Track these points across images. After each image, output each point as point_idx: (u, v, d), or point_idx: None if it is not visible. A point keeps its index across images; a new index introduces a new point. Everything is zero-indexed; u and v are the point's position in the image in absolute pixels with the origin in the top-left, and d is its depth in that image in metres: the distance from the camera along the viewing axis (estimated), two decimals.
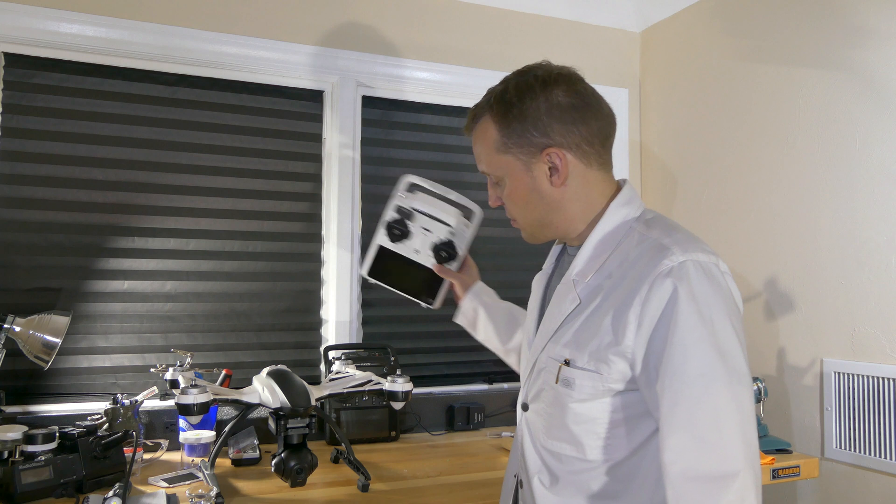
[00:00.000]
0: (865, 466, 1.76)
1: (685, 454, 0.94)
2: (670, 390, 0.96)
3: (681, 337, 0.96)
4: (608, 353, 1.02)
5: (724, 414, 0.94)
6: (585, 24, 2.54)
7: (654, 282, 0.99)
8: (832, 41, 1.88)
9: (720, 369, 0.95)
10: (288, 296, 2.14)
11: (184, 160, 2.04)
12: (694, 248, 1.02)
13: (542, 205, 1.15)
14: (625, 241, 1.09)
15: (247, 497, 1.47)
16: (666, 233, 1.06)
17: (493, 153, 1.16)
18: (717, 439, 0.93)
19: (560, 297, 1.14)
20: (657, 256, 1.01)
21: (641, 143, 2.60)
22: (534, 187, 1.14)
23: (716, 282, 1.00)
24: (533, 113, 1.11)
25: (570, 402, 1.06)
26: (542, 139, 1.11)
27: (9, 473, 1.36)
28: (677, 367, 0.95)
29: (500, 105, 1.15)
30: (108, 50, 1.94)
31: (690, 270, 0.99)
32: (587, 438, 1.06)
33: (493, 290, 1.55)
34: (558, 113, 1.10)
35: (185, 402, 1.34)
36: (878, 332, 1.74)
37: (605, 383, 1.03)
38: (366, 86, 2.25)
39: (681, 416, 0.95)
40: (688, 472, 0.93)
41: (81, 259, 1.92)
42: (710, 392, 0.94)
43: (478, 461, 1.79)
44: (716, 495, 0.91)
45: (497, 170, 1.16)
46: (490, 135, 1.16)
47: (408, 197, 1.62)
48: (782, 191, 2.01)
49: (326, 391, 1.56)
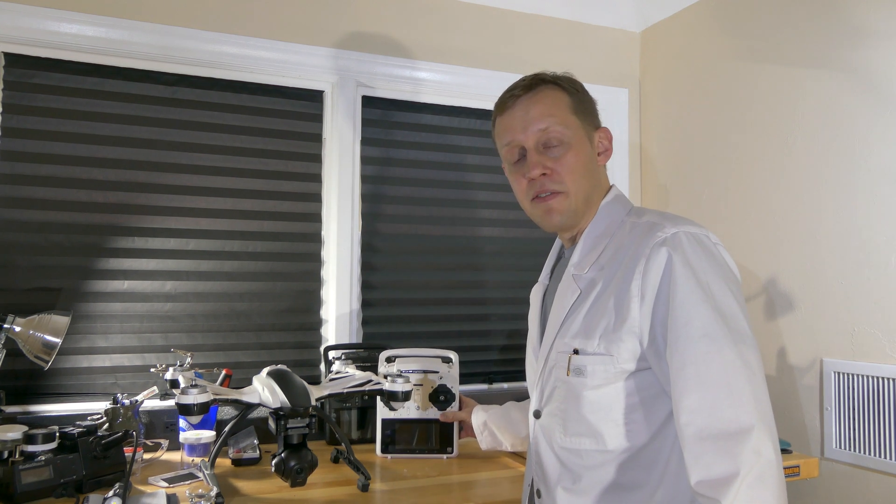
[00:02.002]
0: (865, 466, 1.76)
1: (698, 414, 0.95)
2: (677, 353, 0.98)
3: (682, 300, 0.98)
4: (618, 333, 1.04)
5: (732, 371, 0.95)
6: (585, 24, 2.54)
7: (650, 254, 1.03)
8: (832, 41, 1.88)
9: (723, 329, 0.97)
10: (288, 296, 2.14)
11: (184, 160, 2.04)
12: (683, 222, 1.07)
13: (594, 177, 1.19)
14: (618, 232, 1.13)
15: (247, 497, 1.47)
16: (658, 215, 1.11)
17: (568, 113, 1.16)
18: (728, 396, 0.94)
19: (562, 292, 1.16)
20: (650, 232, 1.05)
21: (641, 142, 2.60)
22: (592, 157, 1.18)
23: (708, 250, 1.04)
24: (588, 96, 1.21)
25: (584, 390, 1.07)
26: (596, 119, 1.21)
27: (9, 473, 1.36)
28: (681, 330, 0.97)
29: (564, 80, 1.20)
30: (108, 50, 1.94)
31: (683, 240, 1.03)
32: (605, 426, 1.06)
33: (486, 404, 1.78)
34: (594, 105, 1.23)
35: (185, 402, 1.34)
36: (878, 332, 1.74)
37: (616, 364, 1.04)
38: (366, 86, 2.25)
39: (690, 376, 0.96)
40: (702, 432, 0.94)
41: (81, 259, 1.92)
42: (715, 351, 0.96)
43: (478, 461, 1.79)
44: (732, 451, 0.92)
45: (568, 127, 1.15)
46: (563, 98, 1.18)
47: (389, 366, 1.80)
48: (782, 191, 2.01)
49: (326, 391, 1.56)
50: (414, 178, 2.32)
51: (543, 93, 1.17)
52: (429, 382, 1.80)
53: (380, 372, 1.76)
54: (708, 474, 0.93)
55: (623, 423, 1.06)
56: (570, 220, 1.17)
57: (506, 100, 1.20)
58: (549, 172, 1.14)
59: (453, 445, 1.79)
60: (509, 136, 1.18)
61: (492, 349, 2.38)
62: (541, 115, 1.15)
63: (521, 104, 1.17)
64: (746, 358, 0.96)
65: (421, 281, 2.31)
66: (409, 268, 2.30)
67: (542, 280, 1.30)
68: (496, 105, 1.23)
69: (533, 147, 1.15)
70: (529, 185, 1.17)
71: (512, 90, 1.19)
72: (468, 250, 2.37)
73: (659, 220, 1.08)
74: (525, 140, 1.16)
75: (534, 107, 1.16)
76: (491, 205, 2.41)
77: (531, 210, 1.20)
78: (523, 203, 1.21)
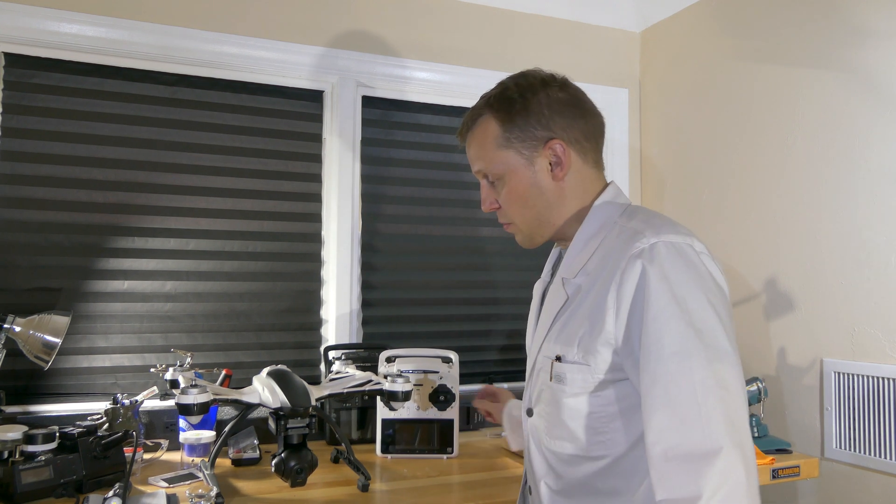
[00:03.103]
0: (865, 466, 1.76)
1: (665, 434, 0.93)
2: (647, 370, 0.95)
3: (654, 316, 0.96)
4: (594, 344, 1.03)
5: (702, 391, 0.92)
6: (585, 24, 2.54)
7: (626, 266, 1.00)
8: (832, 41, 1.88)
9: (696, 346, 0.94)
10: (288, 296, 2.14)
11: (184, 160, 2.04)
12: (667, 230, 1.02)
13: (542, 200, 1.16)
14: (608, 236, 1.10)
15: (247, 497, 1.47)
16: (644, 220, 1.07)
17: (494, 150, 1.16)
18: (696, 417, 0.91)
19: (551, 296, 1.16)
20: (630, 241, 1.03)
21: (641, 143, 2.60)
22: (534, 182, 1.15)
23: (689, 261, 0.99)
24: (535, 107, 1.14)
25: (563, 397, 1.07)
26: (544, 132, 1.14)
27: (9, 473, 1.36)
28: (652, 347, 0.95)
29: (502, 102, 1.17)
30: (108, 50, 1.94)
31: (661, 251, 0.99)
32: (584, 434, 1.06)
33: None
34: (559, 107, 1.14)
35: (185, 402, 1.34)
36: (878, 332, 1.74)
37: (593, 374, 1.04)
38: (366, 86, 2.25)
39: (659, 395, 0.94)
40: (668, 452, 0.92)
41: (81, 259, 1.92)
42: (686, 369, 0.93)
43: (478, 461, 1.79)
44: (697, 474, 0.89)
45: (497, 166, 1.16)
46: (490, 132, 1.17)
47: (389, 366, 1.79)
48: (782, 191, 2.01)
49: (326, 391, 1.56)
50: (414, 178, 2.32)
51: (474, 131, 1.20)
52: (429, 382, 1.81)
53: (380, 372, 1.76)
54: (671, 495, 0.91)
55: (602, 432, 1.05)
56: (534, 240, 1.20)
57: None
58: (497, 207, 1.20)
59: (453, 445, 1.80)
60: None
61: (492, 349, 2.38)
62: (474, 157, 1.20)
63: (467, 144, 1.23)
64: (721, 375, 0.93)
65: (421, 281, 2.31)
66: (409, 268, 2.30)
67: (544, 276, 1.29)
68: None
69: (482, 183, 1.21)
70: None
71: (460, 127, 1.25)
72: (468, 250, 2.37)
73: (642, 226, 1.04)
74: (477, 175, 1.22)
75: (469, 149, 1.21)
76: None
77: None
78: None
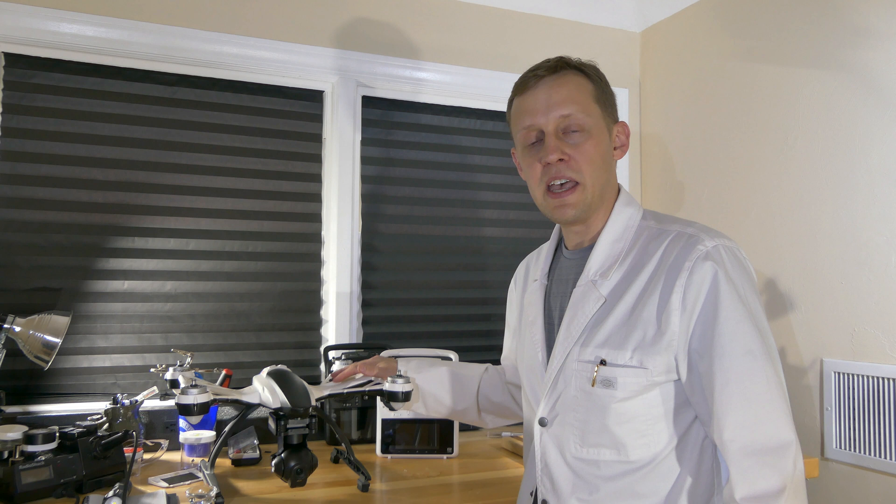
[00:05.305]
0: (865, 466, 1.76)
1: (743, 430, 0.98)
2: (721, 370, 0.99)
3: (726, 317, 1.00)
4: (656, 346, 1.03)
5: (772, 388, 0.99)
6: (585, 24, 2.54)
7: (693, 266, 1.02)
8: (832, 41, 1.88)
9: (762, 346, 1.00)
10: (288, 296, 2.14)
11: (184, 160, 2.04)
12: (718, 234, 1.07)
13: (608, 172, 1.16)
14: (641, 237, 1.12)
15: (247, 497, 1.47)
16: (682, 225, 1.10)
17: (591, 100, 1.13)
18: (769, 413, 0.98)
19: (581, 300, 1.11)
20: (689, 244, 1.05)
21: (641, 142, 2.60)
22: (609, 150, 1.16)
23: (743, 265, 1.05)
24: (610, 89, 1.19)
25: (612, 402, 1.05)
26: (616, 112, 1.19)
27: (9, 473, 1.36)
28: (726, 346, 0.99)
29: (590, 69, 1.17)
30: (108, 50, 1.94)
31: (724, 254, 1.04)
32: (630, 438, 1.06)
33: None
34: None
35: (185, 402, 1.33)
36: (878, 332, 1.74)
37: (649, 377, 1.04)
38: (366, 86, 2.25)
39: (734, 393, 0.98)
40: (747, 448, 0.97)
41: (81, 259, 1.92)
42: (758, 368, 0.99)
43: (478, 461, 1.79)
44: (775, 465, 0.96)
45: (590, 116, 1.12)
46: (586, 85, 1.14)
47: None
48: (782, 191, 2.01)
49: (326, 391, 1.56)
50: (414, 178, 2.32)
51: (567, 77, 1.12)
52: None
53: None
54: (753, 490, 0.96)
55: (647, 434, 1.06)
56: (583, 214, 1.13)
57: (527, 80, 1.14)
58: (566, 158, 1.10)
59: (453, 445, 1.79)
60: (529, 119, 1.13)
61: (492, 349, 2.37)
62: (564, 100, 1.10)
63: (544, 86, 1.12)
64: (780, 374, 1.01)
65: (421, 281, 2.31)
66: (409, 268, 2.30)
67: (542, 280, 1.25)
68: (516, 85, 1.17)
69: (552, 132, 1.10)
70: (544, 171, 1.12)
71: (535, 70, 1.13)
72: (468, 250, 2.37)
73: (692, 230, 1.07)
74: (545, 124, 1.11)
75: (557, 90, 1.11)
76: (491, 205, 2.41)
77: (543, 202, 1.14)
78: (535, 191, 1.15)
